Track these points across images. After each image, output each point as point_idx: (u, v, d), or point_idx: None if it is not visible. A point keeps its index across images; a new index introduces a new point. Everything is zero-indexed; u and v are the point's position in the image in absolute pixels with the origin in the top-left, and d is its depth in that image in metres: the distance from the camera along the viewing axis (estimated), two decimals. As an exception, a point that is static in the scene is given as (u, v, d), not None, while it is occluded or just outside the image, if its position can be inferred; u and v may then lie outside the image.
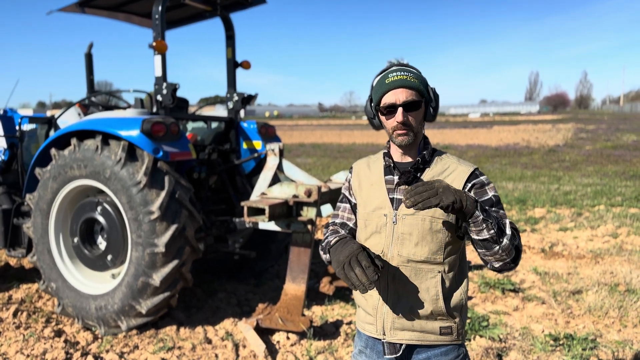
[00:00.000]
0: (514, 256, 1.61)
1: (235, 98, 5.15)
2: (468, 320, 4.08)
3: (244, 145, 5.18)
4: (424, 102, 1.70)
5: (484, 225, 1.52)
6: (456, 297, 1.73)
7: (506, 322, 4.19)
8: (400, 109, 1.65)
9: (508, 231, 1.57)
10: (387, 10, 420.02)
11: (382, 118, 1.73)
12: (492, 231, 1.53)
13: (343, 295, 4.84)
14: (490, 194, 1.71)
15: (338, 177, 4.80)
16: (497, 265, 1.63)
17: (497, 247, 1.56)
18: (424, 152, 1.74)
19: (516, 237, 1.62)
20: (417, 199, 1.46)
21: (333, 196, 4.32)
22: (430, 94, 1.73)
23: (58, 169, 4.15)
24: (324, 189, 4.13)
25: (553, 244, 6.59)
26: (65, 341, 3.87)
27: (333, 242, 1.71)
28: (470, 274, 5.35)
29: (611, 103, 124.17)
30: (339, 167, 15.65)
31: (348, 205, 1.91)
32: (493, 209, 1.68)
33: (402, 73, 1.67)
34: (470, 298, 4.76)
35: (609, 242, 6.56)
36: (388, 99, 1.67)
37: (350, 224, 1.89)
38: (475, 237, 1.56)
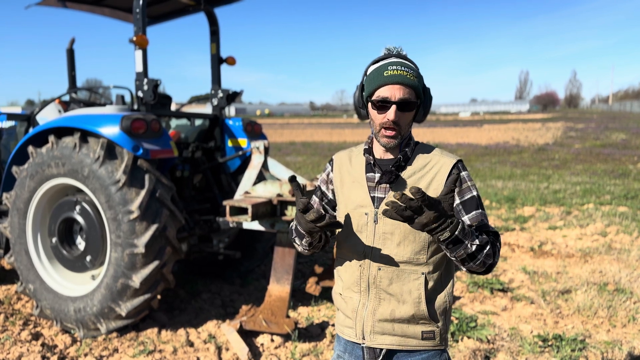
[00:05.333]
0: (484, 269, 1.57)
1: (220, 95, 5.04)
2: (456, 321, 4.02)
3: (229, 143, 5.08)
4: (418, 104, 1.61)
5: (461, 252, 1.49)
6: (440, 300, 1.65)
7: (494, 322, 4.13)
8: (393, 107, 1.55)
9: (480, 257, 1.51)
10: (378, 9, 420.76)
11: (372, 112, 1.62)
12: (460, 257, 1.51)
13: (330, 295, 4.76)
14: (474, 192, 1.64)
15: (325, 175, 4.71)
16: (464, 269, 1.60)
17: (466, 264, 1.54)
18: (406, 149, 1.65)
19: (491, 257, 1.54)
20: (391, 212, 1.40)
21: (319, 195, 4.23)
22: (425, 95, 1.65)
23: (35, 167, 4.03)
24: (309, 188, 4.04)
25: (542, 242, 6.55)
26: (43, 344, 3.75)
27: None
28: (458, 273, 5.30)
29: (600, 102, 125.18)
30: (329, 166, 15.55)
31: (318, 200, 1.83)
32: (479, 211, 1.62)
33: (403, 68, 1.56)
34: (458, 298, 4.70)
35: (598, 240, 6.53)
36: (383, 92, 1.56)
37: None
38: (448, 254, 1.53)
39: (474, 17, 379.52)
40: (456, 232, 1.43)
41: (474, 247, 1.48)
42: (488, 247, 1.52)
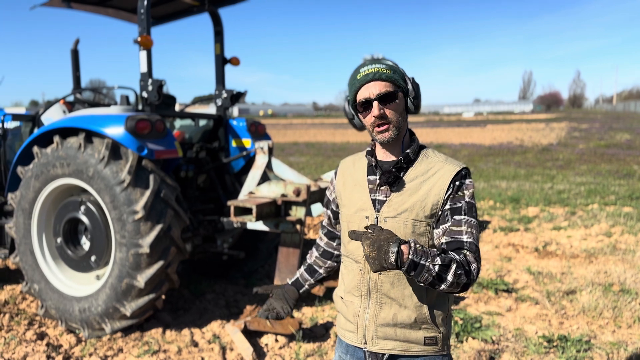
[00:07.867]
0: (459, 289, 1.51)
1: (224, 95, 5.05)
2: (460, 322, 4.01)
3: (233, 144, 5.09)
4: (401, 93, 1.60)
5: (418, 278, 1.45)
6: (441, 303, 1.65)
7: (499, 323, 4.12)
8: (375, 103, 1.57)
9: (449, 278, 1.45)
10: (380, 9, 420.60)
11: (362, 116, 1.64)
12: (427, 282, 1.45)
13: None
14: (466, 199, 1.60)
15: (328, 175, 4.73)
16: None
17: (437, 288, 1.48)
18: (408, 150, 1.64)
19: (464, 276, 1.47)
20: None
21: (323, 195, 4.24)
22: (408, 83, 1.63)
23: (40, 167, 4.04)
24: (313, 188, 4.04)
25: (547, 243, 6.53)
26: (48, 344, 3.76)
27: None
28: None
29: (604, 102, 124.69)
30: (332, 166, 15.56)
31: (330, 213, 1.89)
32: (462, 217, 1.58)
33: (374, 66, 1.59)
34: (462, 299, 4.69)
35: (602, 241, 6.51)
36: (362, 94, 1.59)
37: (335, 231, 1.91)
38: (417, 282, 1.50)
39: (476, 16, 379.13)
40: (409, 256, 1.40)
41: (436, 268, 1.42)
42: (454, 266, 1.45)
